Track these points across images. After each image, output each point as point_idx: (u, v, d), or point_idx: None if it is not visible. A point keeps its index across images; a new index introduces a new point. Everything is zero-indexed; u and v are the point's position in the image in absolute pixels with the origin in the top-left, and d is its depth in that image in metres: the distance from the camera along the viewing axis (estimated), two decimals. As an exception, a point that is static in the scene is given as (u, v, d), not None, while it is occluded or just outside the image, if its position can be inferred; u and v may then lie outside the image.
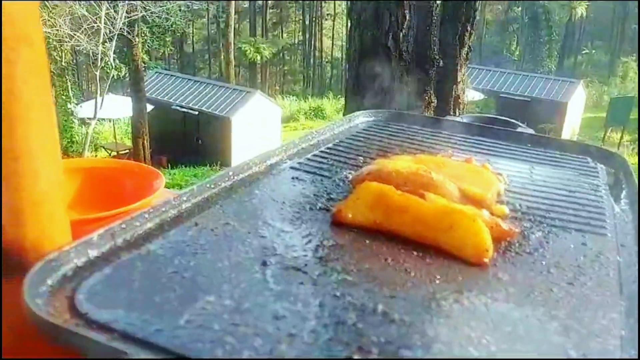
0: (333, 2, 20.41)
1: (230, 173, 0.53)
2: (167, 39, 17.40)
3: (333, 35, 21.00)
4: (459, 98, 2.93)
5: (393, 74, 2.86)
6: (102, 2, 8.83)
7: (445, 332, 0.32)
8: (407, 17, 2.72)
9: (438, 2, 2.72)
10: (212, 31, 21.63)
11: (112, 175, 0.74)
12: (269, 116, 11.81)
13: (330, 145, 0.65)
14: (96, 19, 8.92)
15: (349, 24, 3.01)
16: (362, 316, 0.33)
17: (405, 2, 2.73)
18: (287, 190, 0.52)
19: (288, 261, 0.39)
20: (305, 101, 17.06)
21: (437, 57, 2.77)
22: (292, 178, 0.55)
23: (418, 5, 2.74)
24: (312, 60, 21.63)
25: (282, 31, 21.39)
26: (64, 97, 10.52)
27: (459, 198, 0.49)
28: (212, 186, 0.50)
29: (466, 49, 2.74)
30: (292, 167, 0.57)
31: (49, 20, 8.51)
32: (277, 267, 0.38)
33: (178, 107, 11.65)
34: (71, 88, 11.66)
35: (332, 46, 20.99)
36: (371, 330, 0.32)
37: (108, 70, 9.49)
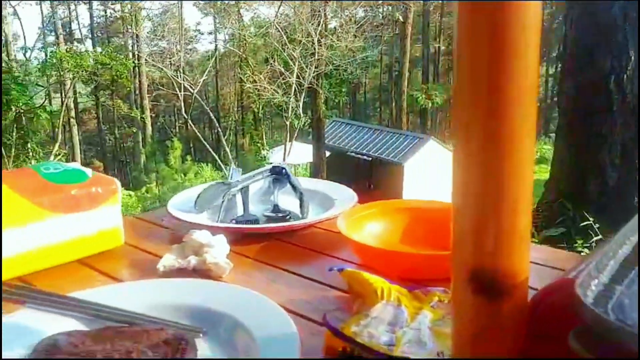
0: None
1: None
2: (343, 89, 18.36)
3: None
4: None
5: (615, 119, 2.66)
6: (295, 61, 9.74)
7: None
8: (633, 57, 2.52)
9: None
10: (384, 80, 22.18)
11: (433, 216, 0.81)
12: (443, 163, 11.67)
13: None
14: (290, 73, 9.84)
15: (560, 68, 2.90)
16: None
17: (630, 40, 2.54)
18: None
19: None
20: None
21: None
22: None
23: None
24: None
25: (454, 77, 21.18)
26: (258, 145, 11.68)
27: None
28: None
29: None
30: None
31: (251, 76, 9.63)
32: None
33: (353, 153, 12.11)
34: (264, 136, 12.86)
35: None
36: None
37: (295, 120, 10.35)
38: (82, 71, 12.41)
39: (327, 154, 12.07)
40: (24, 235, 0.69)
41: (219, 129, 13.51)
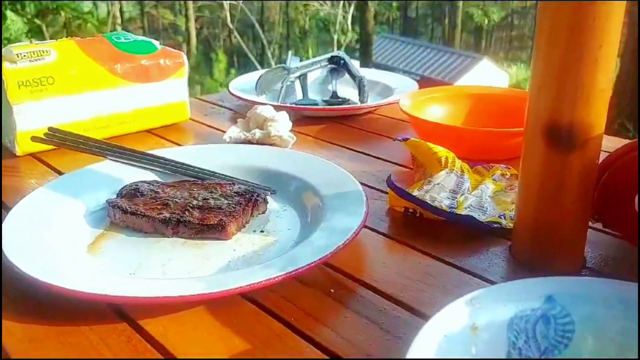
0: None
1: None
2: (394, 4, 17.61)
3: None
4: None
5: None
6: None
7: None
8: None
9: None
10: (439, -5, 20.99)
11: (497, 100, 0.81)
12: (495, 84, 11.25)
13: None
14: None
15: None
16: None
17: None
18: None
19: None
20: (533, 70, 15.79)
21: None
22: None
23: None
24: (544, 26, 19.73)
25: (514, -7, 19.85)
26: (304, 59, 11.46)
27: None
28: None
29: None
30: None
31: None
32: None
33: (400, 72, 11.76)
34: (310, 50, 12.64)
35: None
36: None
37: (342, 35, 10.07)
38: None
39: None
40: (100, 100, 0.73)
41: (264, 41, 13.33)
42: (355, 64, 1.01)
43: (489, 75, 11.50)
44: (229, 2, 11.00)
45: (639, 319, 0.31)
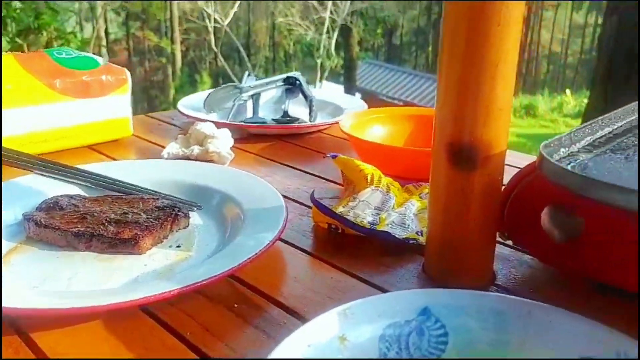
0: (559, -10, 18.67)
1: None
2: (379, 30, 17.91)
3: (553, 27, 19.29)
4: None
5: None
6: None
7: None
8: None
9: None
10: (422, 23, 21.45)
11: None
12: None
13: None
14: (323, 9, 9.63)
15: (606, 8, 2.76)
16: None
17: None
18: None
19: None
20: (515, 98, 16.06)
21: None
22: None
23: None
24: (525, 55, 20.16)
25: (496, 23, 20.30)
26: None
27: None
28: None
29: None
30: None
31: (283, 10, 9.45)
32: None
33: (384, 97, 11.92)
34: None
35: (552, 39, 19.32)
36: None
37: (327, 59, 10.19)
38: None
39: (359, 96, 11.94)
40: (37, 115, 0.73)
41: (249, 65, 13.43)
42: (339, 88, 1.02)
43: (471, 101, 11.59)
44: (213, 25, 11.11)
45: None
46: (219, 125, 0.79)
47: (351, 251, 0.53)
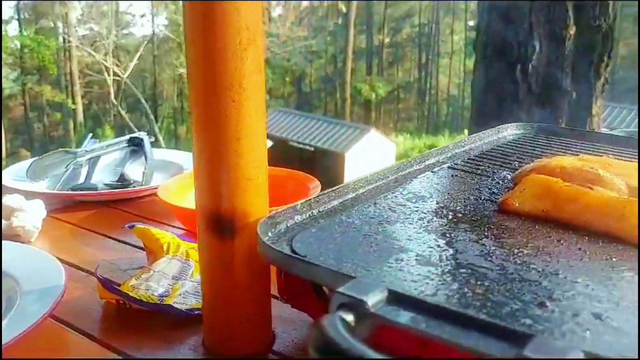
0: (451, 40, 20.17)
1: (396, 168, 0.58)
2: (287, 79, 18.35)
3: (450, 72, 20.72)
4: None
5: (521, 107, 2.78)
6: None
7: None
8: (537, 49, 2.64)
9: (571, 32, 2.61)
10: (330, 71, 22.24)
11: (279, 181, 0.83)
12: (383, 153, 11.89)
13: (483, 150, 0.68)
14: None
15: (475, 57, 2.98)
16: (544, 277, 0.36)
17: (535, 32, 2.66)
18: (448, 183, 0.57)
19: (463, 234, 0.43)
20: (419, 139, 16.96)
21: (569, 89, 2.65)
22: (452, 176, 0.59)
23: (549, 36, 2.64)
24: (427, 98, 21.44)
25: (397, 70, 21.53)
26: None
27: (627, 194, 0.50)
28: (381, 177, 0.55)
29: (602, 80, 2.58)
30: (450, 167, 0.61)
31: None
32: (456, 239, 0.43)
33: (295, 143, 12.12)
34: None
35: (449, 84, 20.71)
36: (556, 289, 0.35)
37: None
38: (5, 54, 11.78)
39: (270, 143, 12.04)
40: None
41: (153, 117, 13.20)
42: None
43: (377, 144, 12.11)
44: (112, 78, 10.86)
45: None
46: (36, 195, 0.75)
47: (138, 327, 0.51)
